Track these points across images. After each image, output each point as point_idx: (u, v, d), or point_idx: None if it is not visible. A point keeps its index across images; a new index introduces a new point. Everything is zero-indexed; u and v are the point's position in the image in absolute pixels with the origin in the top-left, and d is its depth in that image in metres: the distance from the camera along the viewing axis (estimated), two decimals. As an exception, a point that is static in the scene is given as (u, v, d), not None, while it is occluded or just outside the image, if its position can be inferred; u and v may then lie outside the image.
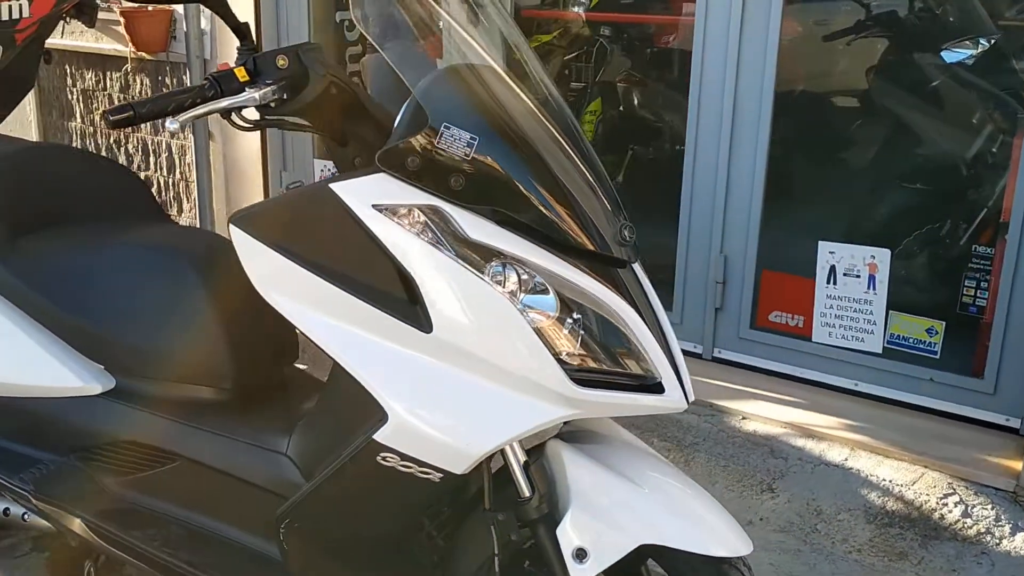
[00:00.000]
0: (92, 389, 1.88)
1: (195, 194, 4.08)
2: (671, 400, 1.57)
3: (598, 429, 1.74)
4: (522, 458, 1.60)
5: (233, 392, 1.87)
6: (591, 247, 1.53)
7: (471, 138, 1.48)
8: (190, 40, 3.84)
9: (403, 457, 1.52)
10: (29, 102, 4.58)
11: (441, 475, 1.52)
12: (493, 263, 1.49)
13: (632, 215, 1.61)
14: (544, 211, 1.51)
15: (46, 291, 1.91)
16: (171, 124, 1.43)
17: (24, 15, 3.52)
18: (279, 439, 1.79)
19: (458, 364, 1.50)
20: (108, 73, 4.25)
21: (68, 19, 3.87)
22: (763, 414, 2.94)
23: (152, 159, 4.24)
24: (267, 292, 1.55)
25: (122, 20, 3.97)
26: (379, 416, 1.51)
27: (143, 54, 4.06)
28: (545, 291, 1.51)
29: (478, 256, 1.48)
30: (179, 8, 3.92)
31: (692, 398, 1.62)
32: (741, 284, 3.18)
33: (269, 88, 1.53)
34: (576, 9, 4.78)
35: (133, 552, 1.82)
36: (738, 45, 3.02)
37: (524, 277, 1.50)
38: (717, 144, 3.12)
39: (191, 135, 4.02)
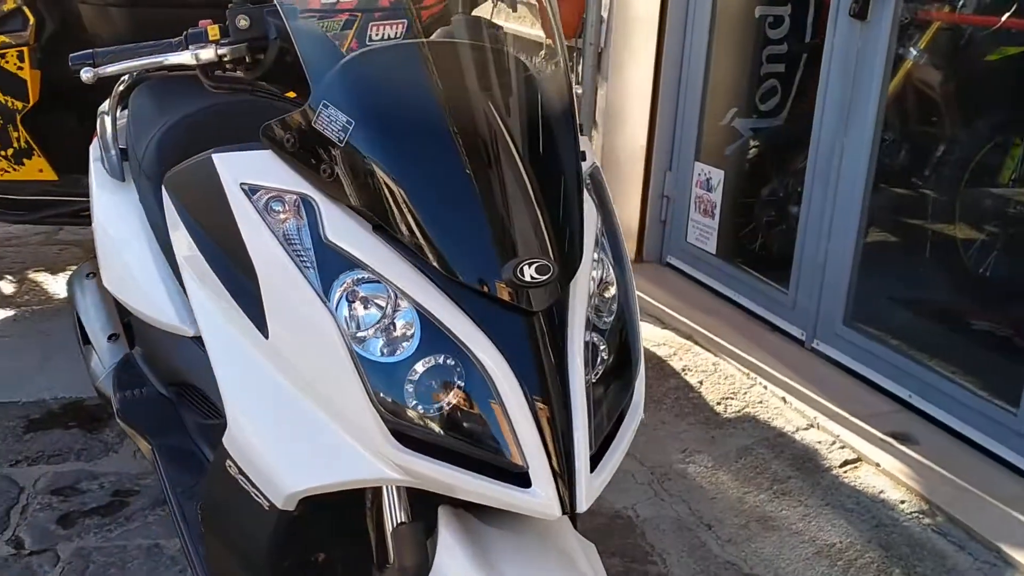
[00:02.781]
0: (186, 331, 1.98)
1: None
2: (535, 500, 1.19)
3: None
4: (398, 518, 1.33)
5: None
6: (457, 278, 1.20)
7: (347, 122, 1.24)
8: (587, 27, 3.80)
9: (239, 471, 1.36)
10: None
11: (268, 504, 1.33)
12: (352, 275, 1.24)
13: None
14: (413, 224, 1.22)
15: None
16: (85, 73, 1.42)
17: (431, -6, 3.79)
18: None
19: (292, 382, 1.28)
20: (538, 58, 4.39)
21: (496, 3, 4.08)
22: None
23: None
24: (180, 262, 1.47)
25: (538, 5, 4.06)
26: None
27: (559, 39, 4.11)
28: (407, 323, 1.22)
29: (331, 263, 1.24)
30: (588, -5, 3.88)
31: (581, 508, 1.20)
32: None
33: (210, 49, 1.44)
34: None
35: (170, 497, 1.88)
36: None
37: (384, 302, 1.23)
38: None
39: (575, 122, 4.00)
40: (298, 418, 1.28)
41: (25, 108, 3.33)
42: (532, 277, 1.20)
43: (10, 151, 3.38)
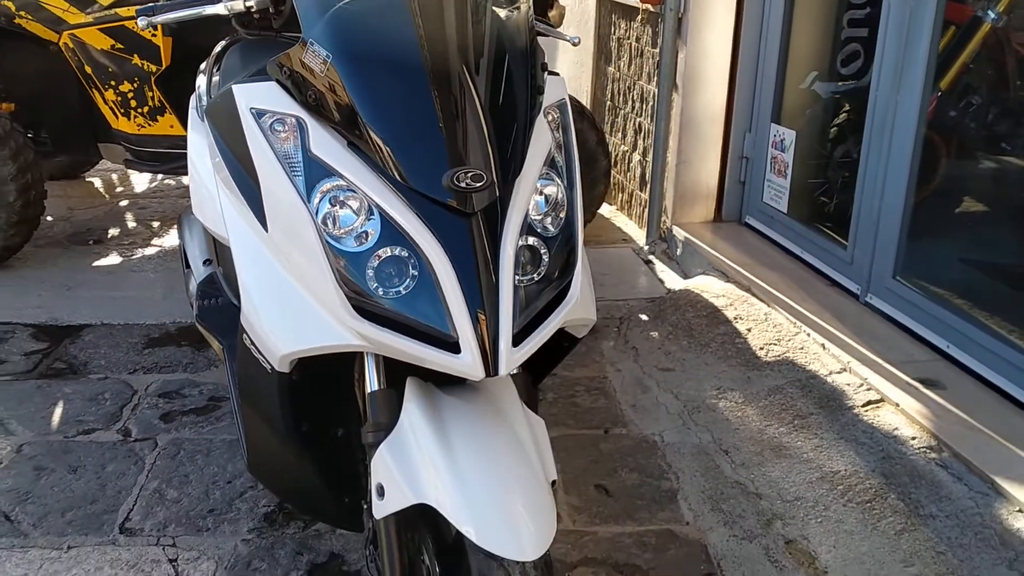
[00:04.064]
0: None
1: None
2: (461, 363, 1.46)
3: (492, 389, 1.64)
4: (375, 384, 1.62)
5: None
6: (407, 183, 1.48)
7: (327, 55, 1.54)
8: (668, -7, 3.97)
9: (251, 341, 1.68)
10: (590, 48, 5.16)
11: (271, 368, 1.64)
12: (329, 181, 1.53)
13: None
14: (375, 138, 1.50)
15: None
16: (141, 21, 1.76)
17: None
18: None
19: (284, 267, 1.59)
20: (631, 23, 4.59)
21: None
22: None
23: (642, 105, 4.50)
24: (215, 176, 1.80)
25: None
26: None
27: (648, 6, 4.30)
28: (373, 219, 1.51)
29: (314, 171, 1.54)
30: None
31: (501, 372, 1.47)
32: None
33: (239, 2, 1.77)
34: None
35: (232, 388, 2.23)
36: None
37: (355, 203, 1.52)
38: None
39: (657, 85, 4.18)
40: (288, 296, 1.58)
41: (159, 71, 3.81)
42: (467, 183, 1.47)
43: (146, 108, 3.86)
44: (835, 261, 3.53)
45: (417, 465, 1.50)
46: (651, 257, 4.19)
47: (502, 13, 1.67)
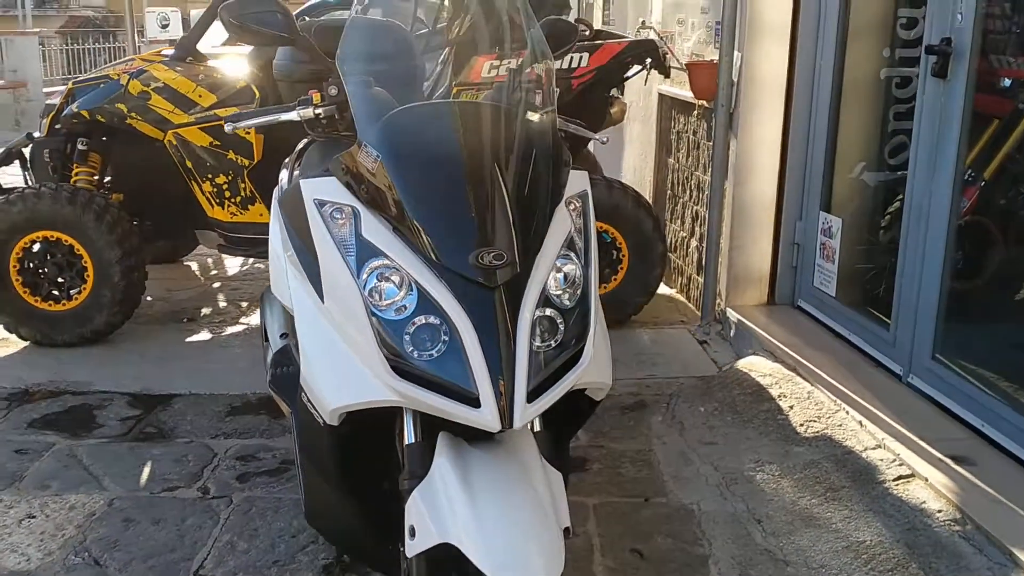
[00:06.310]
0: None
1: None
2: (481, 416, 1.69)
3: (515, 444, 1.85)
4: (411, 437, 1.85)
5: None
6: (440, 262, 1.73)
7: (377, 155, 1.82)
8: (720, 90, 4.22)
9: (308, 399, 1.93)
10: (652, 141, 5.43)
11: (323, 422, 1.89)
12: (376, 260, 1.80)
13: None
14: (413, 223, 1.77)
15: None
16: (227, 127, 2.08)
17: (582, 64, 4.38)
18: None
19: (337, 332, 1.85)
20: (688, 118, 4.86)
21: (649, 69, 4.60)
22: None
23: (699, 194, 4.72)
24: (285, 256, 2.09)
25: (687, 71, 4.55)
26: None
27: (703, 102, 4.56)
28: (412, 292, 1.77)
29: (364, 252, 1.81)
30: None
31: (516, 425, 1.69)
32: None
33: (309, 110, 2.07)
34: None
35: (296, 449, 2.48)
36: None
37: (397, 278, 1.78)
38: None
39: (710, 174, 4.40)
40: (338, 358, 1.84)
41: (251, 164, 4.21)
42: (490, 262, 1.72)
43: (238, 199, 4.25)
44: (879, 342, 3.66)
45: (444, 509, 1.72)
46: (706, 338, 4.36)
47: (533, 117, 1.94)
